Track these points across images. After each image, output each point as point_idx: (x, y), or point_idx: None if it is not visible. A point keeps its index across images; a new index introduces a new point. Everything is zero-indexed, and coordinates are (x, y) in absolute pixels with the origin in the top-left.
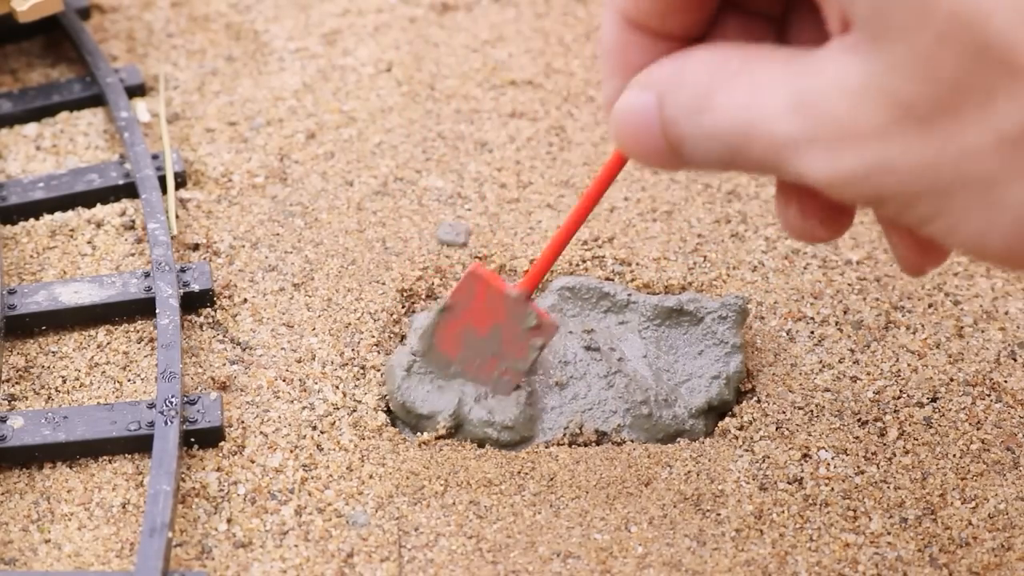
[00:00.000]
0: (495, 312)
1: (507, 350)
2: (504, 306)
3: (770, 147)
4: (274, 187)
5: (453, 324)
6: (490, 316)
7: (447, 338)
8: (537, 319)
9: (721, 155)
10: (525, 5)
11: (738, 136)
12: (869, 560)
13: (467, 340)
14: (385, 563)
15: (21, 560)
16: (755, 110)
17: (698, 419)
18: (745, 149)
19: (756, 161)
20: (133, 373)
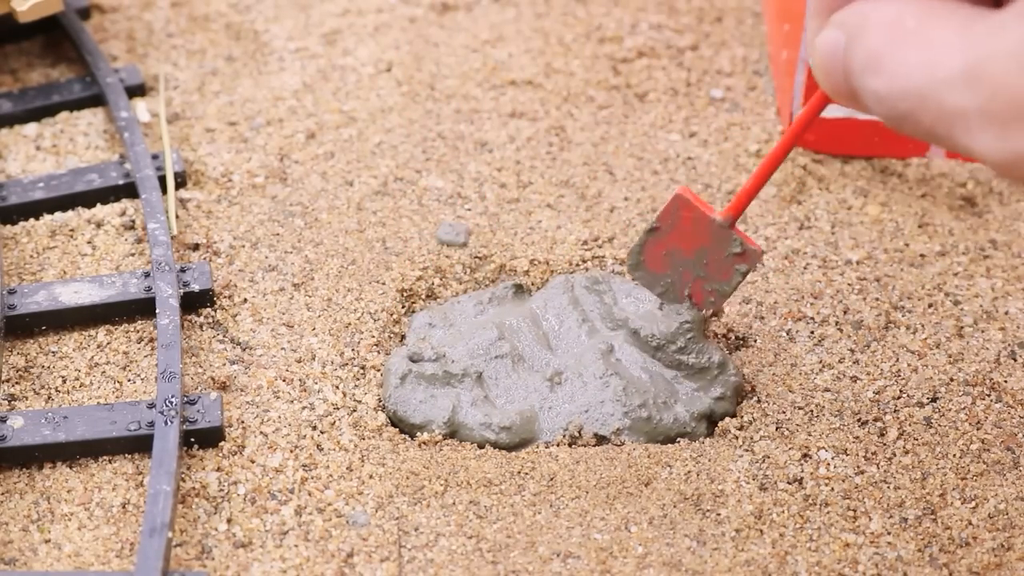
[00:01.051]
0: (701, 235)
1: (712, 272)
2: (709, 230)
3: (940, 118)
4: (274, 187)
5: (660, 244)
6: (696, 239)
7: (655, 257)
8: (742, 245)
9: (892, 117)
10: (525, 5)
11: (909, 102)
12: (869, 560)
13: (674, 260)
14: (385, 563)
15: (21, 560)
16: (926, 76)
17: (700, 423)
18: (915, 116)
19: (926, 130)
20: (133, 373)
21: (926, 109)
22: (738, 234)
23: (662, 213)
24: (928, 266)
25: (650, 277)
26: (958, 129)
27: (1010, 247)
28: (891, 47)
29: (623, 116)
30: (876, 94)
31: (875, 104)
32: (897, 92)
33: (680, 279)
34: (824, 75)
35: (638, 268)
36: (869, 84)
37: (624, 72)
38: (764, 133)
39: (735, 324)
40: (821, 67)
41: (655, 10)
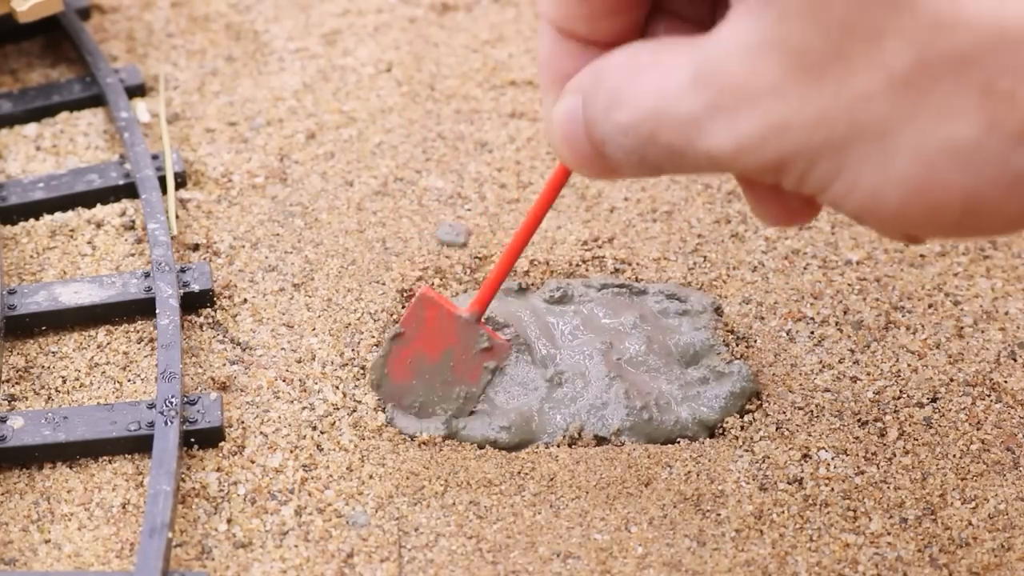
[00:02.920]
0: (446, 335)
1: (459, 375)
2: (455, 328)
3: (677, 129)
4: (274, 187)
5: (404, 352)
6: (442, 340)
7: (399, 367)
8: (489, 340)
9: (635, 149)
10: (525, 5)
11: (647, 124)
12: (869, 560)
13: (418, 367)
14: (385, 563)
15: (21, 560)
16: (660, 94)
17: (702, 428)
18: (655, 137)
19: (666, 147)
20: (133, 373)
21: (664, 124)
22: (484, 329)
23: (406, 317)
24: (928, 266)
25: (395, 390)
26: (693, 133)
27: (1010, 247)
28: (628, 81)
29: None
30: (620, 127)
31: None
32: (638, 116)
33: (425, 388)
34: (564, 142)
35: (383, 383)
36: (613, 119)
37: None
38: None
39: (735, 324)
40: (560, 135)
41: None
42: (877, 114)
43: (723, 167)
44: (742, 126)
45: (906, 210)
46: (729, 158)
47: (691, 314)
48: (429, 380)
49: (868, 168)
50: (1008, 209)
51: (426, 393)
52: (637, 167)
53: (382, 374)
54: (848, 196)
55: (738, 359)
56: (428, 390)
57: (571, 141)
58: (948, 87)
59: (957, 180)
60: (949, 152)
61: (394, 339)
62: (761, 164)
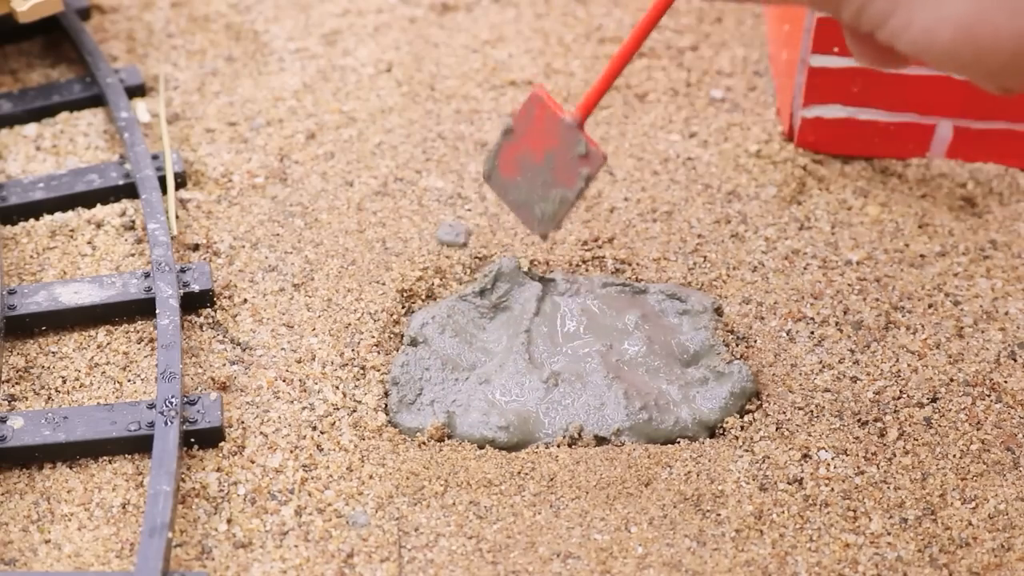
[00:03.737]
0: (550, 137)
1: (559, 177)
2: (558, 131)
3: None
4: (274, 187)
5: (513, 148)
6: (546, 140)
7: (508, 162)
8: (586, 147)
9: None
10: (525, 5)
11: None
12: (869, 560)
13: (524, 165)
14: (385, 563)
15: (21, 560)
16: None
17: (702, 428)
18: None
19: None
20: (133, 373)
21: None
22: (583, 135)
23: (518, 115)
24: (928, 266)
25: (503, 184)
26: None
27: (1010, 247)
28: None
29: (623, 116)
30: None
31: None
32: None
33: (529, 184)
34: None
35: (492, 175)
36: None
37: (624, 72)
38: (764, 133)
39: (735, 324)
40: None
41: None
42: None
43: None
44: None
45: (956, 49)
46: None
47: (691, 314)
48: (532, 178)
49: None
50: None
51: (529, 191)
52: None
53: (493, 166)
54: (904, 33)
55: (738, 359)
56: (531, 188)
57: None
58: None
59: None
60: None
61: (505, 134)
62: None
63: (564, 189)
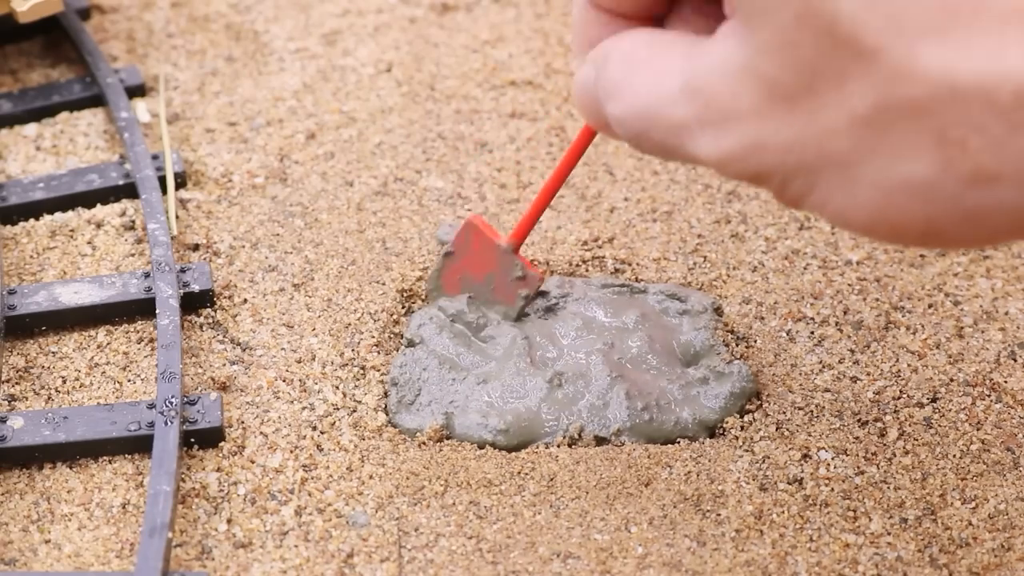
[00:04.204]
0: (489, 261)
1: (498, 297)
2: (496, 255)
3: (669, 130)
4: (274, 187)
5: (455, 269)
6: (484, 264)
7: (450, 281)
8: (523, 270)
9: (631, 137)
10: (525, 5)
11: (640, 122)
12: (869, 560)
13: (465, 285)
14: (385, 563)
15: (21, 560)
16: (653, 96)
17: (702, 429)
18: (647, 133)
19: (659, 143)
20: (133, 373)
21: (656, 125)
22: (520, 259)
23: (456, 238)
24: (928, 266)
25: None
26: (684, 138)
27: (1010, 247)
28: (626, 75)
29: None
30: (616, 118)
31: (617, 127)
32: (631, 113)
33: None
34: (581, 107)
35: (435, 292)
36: (610, 110)
37: None
38: None
39: (735, 324)
40: (578, 100)
41: None
42: (841, 147)
43: (710, 168)
44: (725, 140)
45: (873, 228)
46: (715, 164)
47: (691, 314)
48: (475, 297)
49: (836, 191)
50: (966, 236)
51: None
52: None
53: (436, 285)
54: (822, 210)
55: (738, 359)
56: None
57: (586, 107)
58: (905, 130)
59: (917, 209)
60: (907, 186)
61: (446, 256)
62: (744, 174)
63: (506, 307)
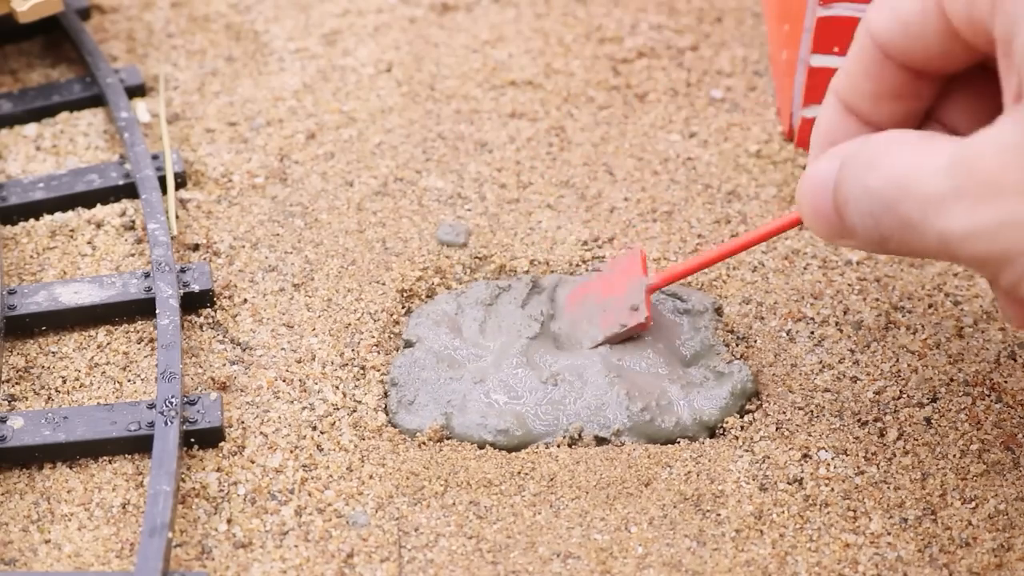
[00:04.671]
0: (620, 286)
1: (602, 319)
2: (628, 283)
3: (918, 203)
4: (274, 187)
5: (589, 286)
6: (615, 288)
7: (575, 296)
8: (640, 303)
9: (873, 213)
10: (525, 5)
11: (893, 191)
12: (869, 560)
13: (585, 301)
14: (385, 563)
15: (21, 560)
16: (914, 168)
17: (702, 429)
18: (896, 204)
19: (902, 218)
20: (133, 373)
21: (907, 196)
22: (645, 295)
23: (612, 260)
24: (928, 266)
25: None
26: (932, 211)
27: None
28: (889, 152)
29: (623, 116)
30: (867, 188)
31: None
32: (886, 183)
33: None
34: (807, 197)
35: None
36: (863, 180)
37: (624, 72)
38: (764, 133)
39: (735, 324)
40: (809, 189)
41: (655, 10)
42: None
43: (950, 250)
44: (981, 214)
45: None
46: (959, 240)
47: (691, 314)
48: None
49: None
50: None
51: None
52: (869, 232)
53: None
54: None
55: (738, 359)
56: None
57: (816, 196)
58: None
59: None
60: None
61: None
62: (987, 254)
63: (597, 328)
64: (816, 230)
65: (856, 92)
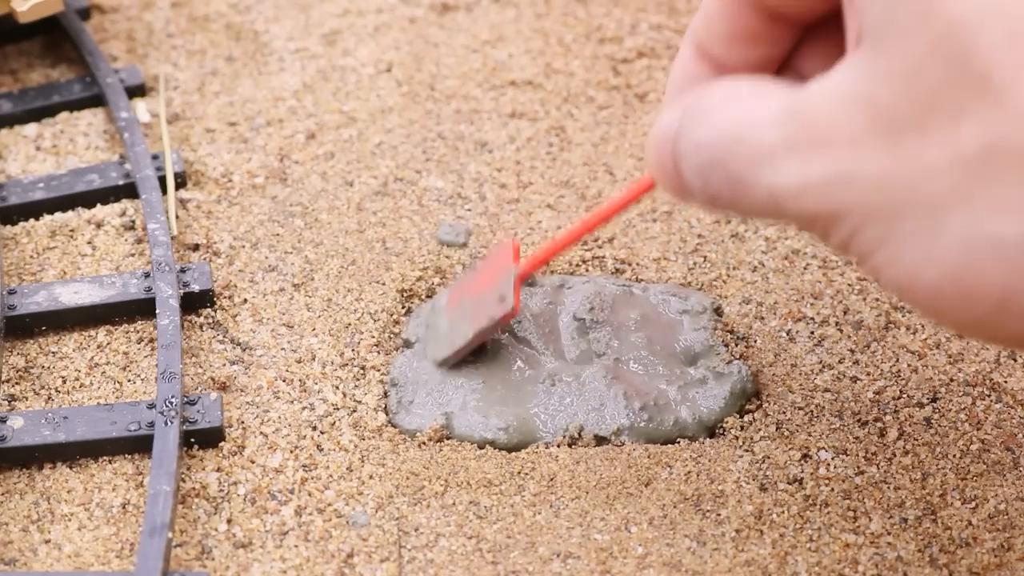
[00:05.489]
0: (489, 280)
1: (473, 315)
2: (498, 275)
3: (748, 159)
4: (274, 187)
5: (460, 287)
6: (486, 283)
7: (452, 299)
8: (507, 294)
9: (703, 169)
10: (525, 5)
11: (721, 146)
12: (869, 560)
13: (461, 301)
14: (385, 563)
15: (21, 560)
16: (744, 121)
17: (702, 428)
18: (725, 163)
19: (732, 176)
20: (133, 373)
21: (737, 152)
22: (513, 286)
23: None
24: None
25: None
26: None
27: None
28: (721, 104)
29: (623, 116)
30: (695, 143)
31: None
32: (715, 136)
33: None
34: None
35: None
36: (693, 134)
37: (624, 72)
38: None
39: (735, 324)
40: (652, 143)
41: (655, 10)
42: (935, 189)
43: (779, 207)
44: (811, 167)
45: (940, 292)
46: (790, 197)
47: (691, 314)
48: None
49: (913, 242)
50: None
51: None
52: (700, 191)
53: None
54: (887, 267)
55: (738, 359)
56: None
57: (658, 151)
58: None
59: (995, 274)
60: (993, 244)
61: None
62: (817, 210)
63: (467, 325)
64: (662, 187)
65: (711, 34)
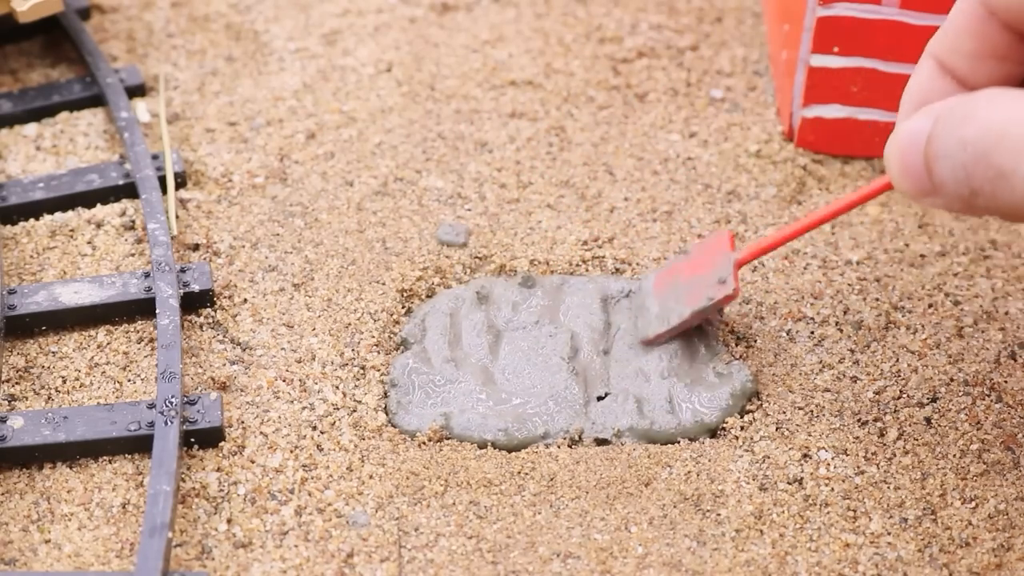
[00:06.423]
0: (707, 263)
1: (688, 297)
2: (715, 261)
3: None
4: (274, 187)
5: (675, 269)
6: (701, 267)
7: (662, 281)
8: (727, 276)
9: (965, 165)
10: (525, 5)
11: (988, 139)
12: (869, 560)
13: (673, 283)
14: (385, 563)
15: (21, 560)
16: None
17: (703, 430)
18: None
19: (996, 168)
20: (133, 373)
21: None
22: (733, 269)
23: (699, 242)
24: (928, 266)
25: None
26: None
27: (1010, 247)
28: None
29: (623, 116)
30: (962, 140)
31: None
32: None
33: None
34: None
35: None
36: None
37: (624, 72)
38: (764, 133)
39: (735, 324)
40: (898, 147)
41: (655, 10)
42: None
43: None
44: None
45: None
46: None
47: None
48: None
49: None
50: None
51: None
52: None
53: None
54: None
55: (738, 359)
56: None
57: (906, 154)
58: None
59: None
60: None
61: (679, 254)
62: None
63: (684, 306)
64: (904, 189)
65: (956, 51)
